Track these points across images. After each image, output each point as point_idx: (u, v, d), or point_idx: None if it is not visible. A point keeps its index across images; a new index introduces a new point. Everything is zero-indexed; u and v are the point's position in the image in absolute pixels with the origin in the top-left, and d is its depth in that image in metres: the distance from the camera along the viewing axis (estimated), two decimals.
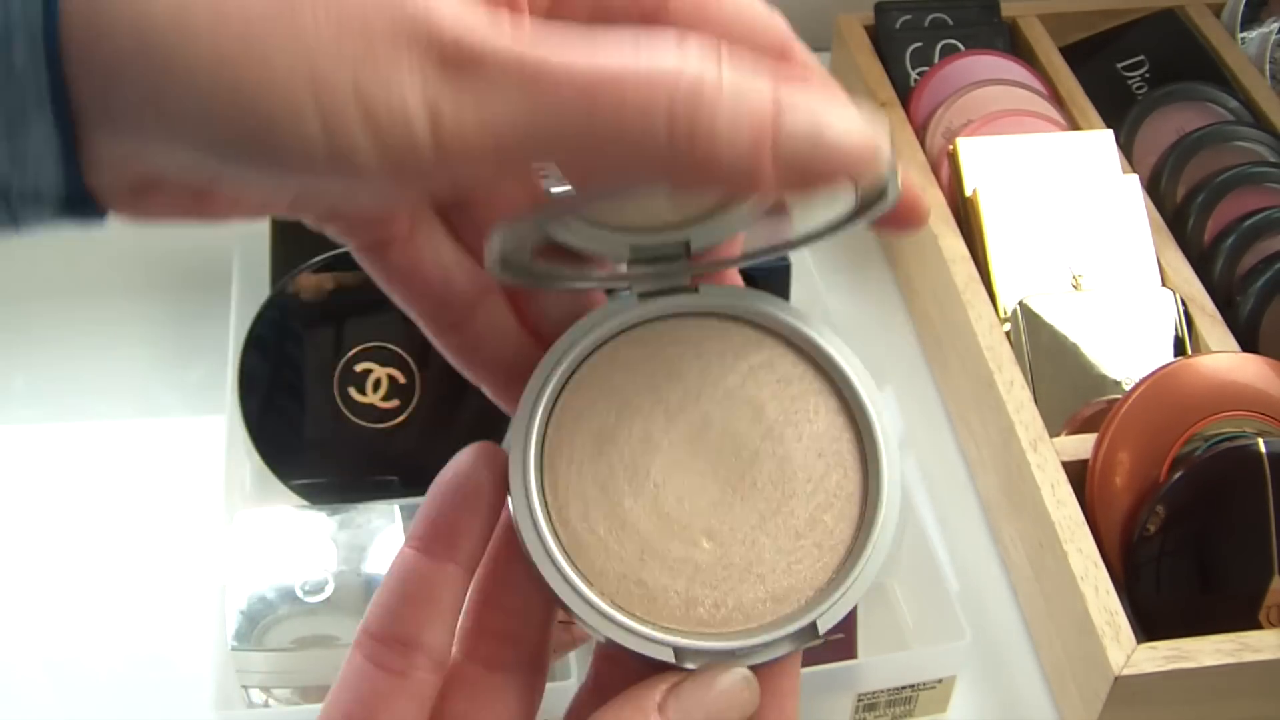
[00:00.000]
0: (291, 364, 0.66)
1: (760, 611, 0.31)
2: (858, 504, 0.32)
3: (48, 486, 0.71)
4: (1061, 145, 0.79)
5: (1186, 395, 0.63)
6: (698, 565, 0.31)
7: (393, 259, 0.32)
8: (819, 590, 0.31)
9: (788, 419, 0.32)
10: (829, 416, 0.32)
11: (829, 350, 0.32)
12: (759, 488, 0.31)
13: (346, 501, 0.62)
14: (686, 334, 0.32)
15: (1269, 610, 0.60)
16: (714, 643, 0.30)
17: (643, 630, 0.30)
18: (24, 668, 0.63)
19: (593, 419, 0.32)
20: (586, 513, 0.31)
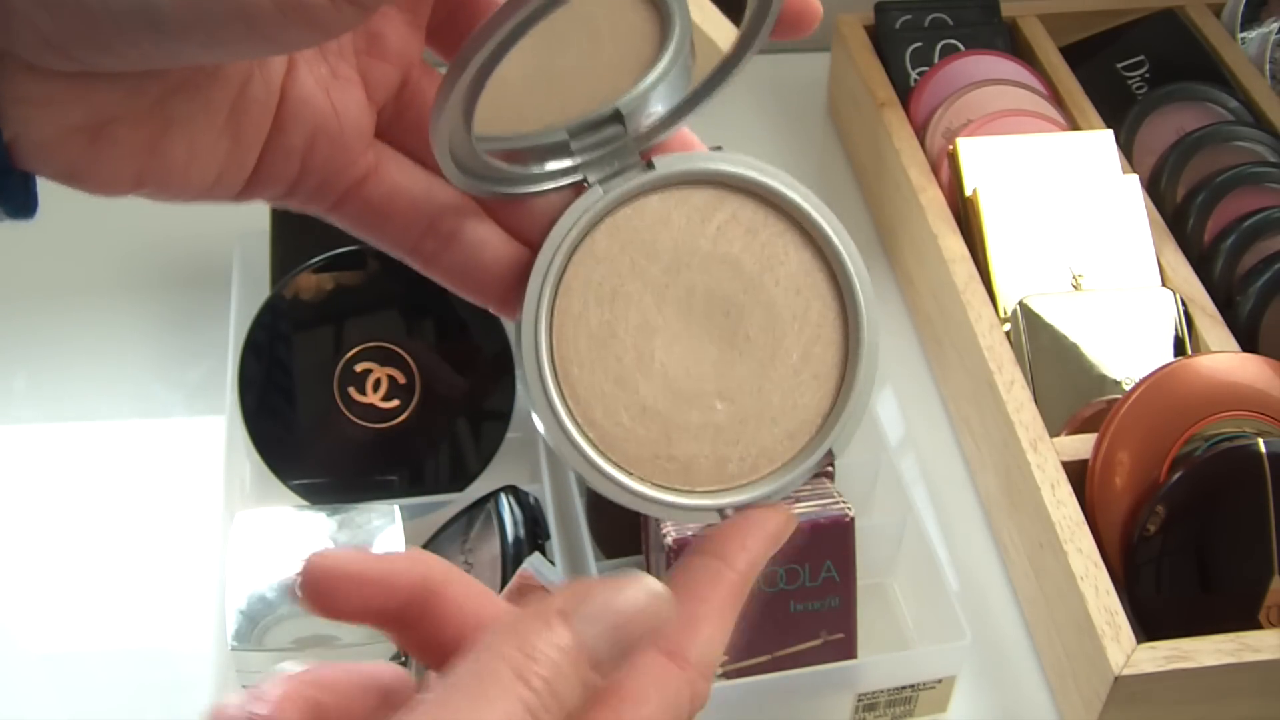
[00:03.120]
0: (291, 364, 0.66)
1: (782, 450, 0.34)
2: (840, 328, 0.34)
3: (48, 486, 0.71)
4: (1061, 145, 0.79)
5: (1186, 395, 0.63)
6: (718, 427, 0.33)
7: (366, 197, 0.33)
8: (825, 416, 0.34)
9: (763, 266, 0.34)
10: (798, 253, 0.34)
11: (784, 190, 0.34)
12: (753, 338, 0.34)
13: (346, 501, 0.62)
14: (651, 210, 0.34)
15: (1269, 610, 0.60)
16: (749, 493, 0.33)
17: (683, 501, 0.33)
18: (24, 667, 0.63)
19: (590, 320, 0.33)
20: (609, 409, 0.33)
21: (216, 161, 0.30)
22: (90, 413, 0.75)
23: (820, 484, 0.59)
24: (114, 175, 0.29)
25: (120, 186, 0.29)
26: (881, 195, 0.86)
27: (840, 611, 0.58)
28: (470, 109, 0.30)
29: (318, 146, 0.32)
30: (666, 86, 0.34)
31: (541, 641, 0.28)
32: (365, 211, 0.33)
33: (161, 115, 0.29)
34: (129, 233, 0.85)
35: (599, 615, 0.29)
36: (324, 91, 0.31)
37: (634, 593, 0.29)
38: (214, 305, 0.74)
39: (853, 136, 0.92)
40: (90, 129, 0.28)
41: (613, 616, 0.29)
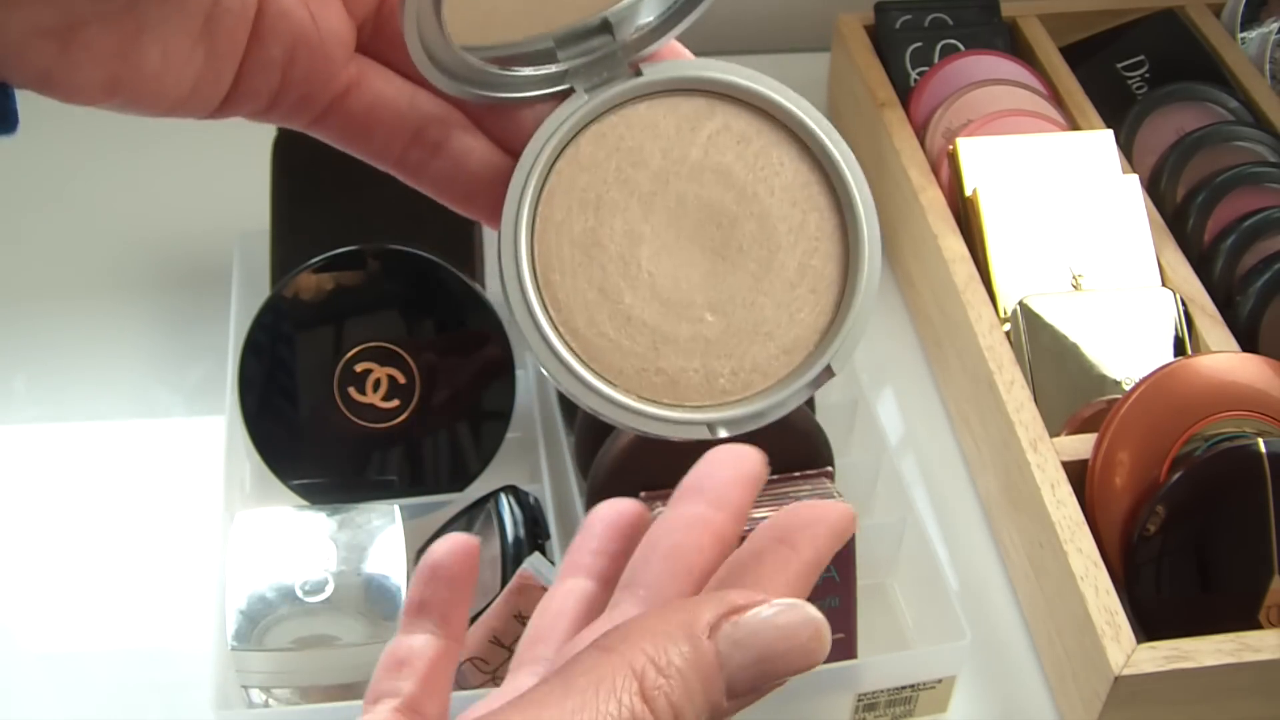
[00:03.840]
0: (291, 364, 0.66)
1: (776, 366, 0.32)
2: (839, 241, 0.33)
3: (48, 486, 0.71)
4: (1061, 145, 0.79)
5: (1186, 395, 0.63)
6: (708, 340, 0.32)
7: (349, 110, 0.32)
8: (823, 333, 0.32)
9: (756, 176, 0.33)
10: (794, 164, 0.33)
11: (778, 99, 0.33)
12: (746, 250, 0.32)
13: (346, 501, 0.62)
14: (639, 118, 0.33)
15: (1269, 610, 0.60)
16: (741, 409, 0.31)
17: (670, 415, 0.31)
18: (24, 667, 0.63)
19: (573, 226, 0.32)
20: (592, 318, 0.32)
21: (192, 71, 0.30)
22: (90, 413, 0.75)
23: (820, 484, 0.59)
24: (86, 81, 0.28)
25: (92, 94, 0.29)
26: (881, 195, 0.86)
27: (840, 611, 0.58)
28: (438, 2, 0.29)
29: (298, 59, 0.31)
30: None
31: (677, 654, 0.26)
32: (348, 124, 0.33)
33: (134, 19, 0.28)
34: (129, 232, 0.85)
35: (750, 641, 0.27)
36: (303, 3, 0.31)
37: (793, 623, 0.27)
38: (214, 305, 0.74)
39: (853, 136, 0.92)
40: (60, 31, 0.27)
41: (764, 647, 0.27)
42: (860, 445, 0.69)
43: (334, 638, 0.57)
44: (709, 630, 0.27)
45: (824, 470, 0.60)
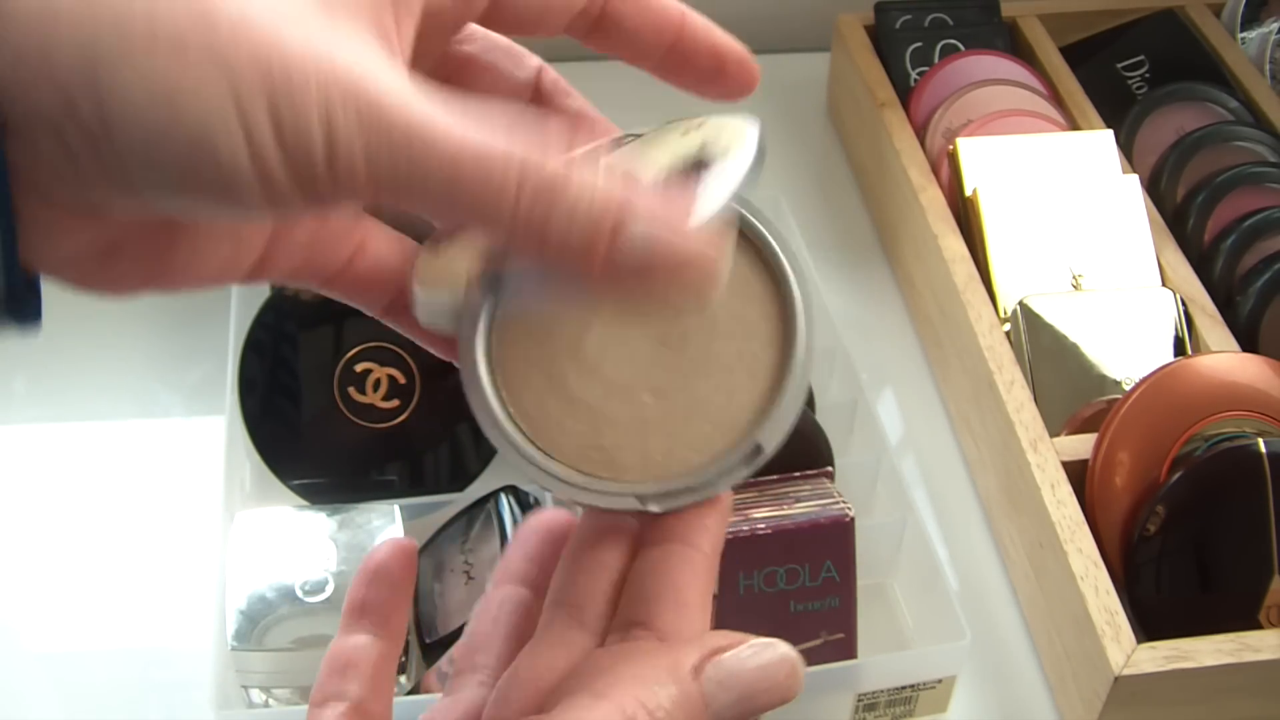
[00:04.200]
0: (291, 364, 0.66)
1: (710, 444, 0.33)
2: (778, 326, 0.34)
3: (48, 486, 0.71)
4: (1061, 145, 0.79)
5: (1186, 395, 0.63)
6: (646, 420, 0.33)
7: (354, 273, 0.34)
8: (758, 413, 0.33)
9: None
10: (739, 256, 0.34)
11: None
12: (688, 338, 0.34)
13: (346, 501, 0.62)
14: None
15: (1269, 610, 0.60)
16: (673, 484, 0.33)
17: (605, 488, 0.33)
18: (24, 667, 0.63)
19: (529, 319, 0.34)
20: (539, 399, 0.34)
21: (219, 259, 0.32)
22: (90, 413, 0.75)
23: (820, 484, 0.59)
24: (123, 284, 0.30)
25: (128, 291, 0.31)
26: (881, 195, 0.86)
27: (840, 611, 0.58)
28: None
29: (320, 240, 0.33)
30: None
31: (666, 697, 0.28)
32: (353, 284, 0.35)
33: (168, 233, 0.30)
34: None
35: (732, 681, 0.29)
36: None
37: (772, 663, 0.29)
38: (214, 305, 0.74)
39: (853, 136, 0.92)
40: (100, 249, 0.29)
41: (746, 686, 0.29)
42: (860, 445, 0.69)
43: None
44: (694, 673, 0.29)
45: (824, 470, 0.60)
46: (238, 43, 0.26)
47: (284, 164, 0.27)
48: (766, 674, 0.29)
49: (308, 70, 0.26)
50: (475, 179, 0.27)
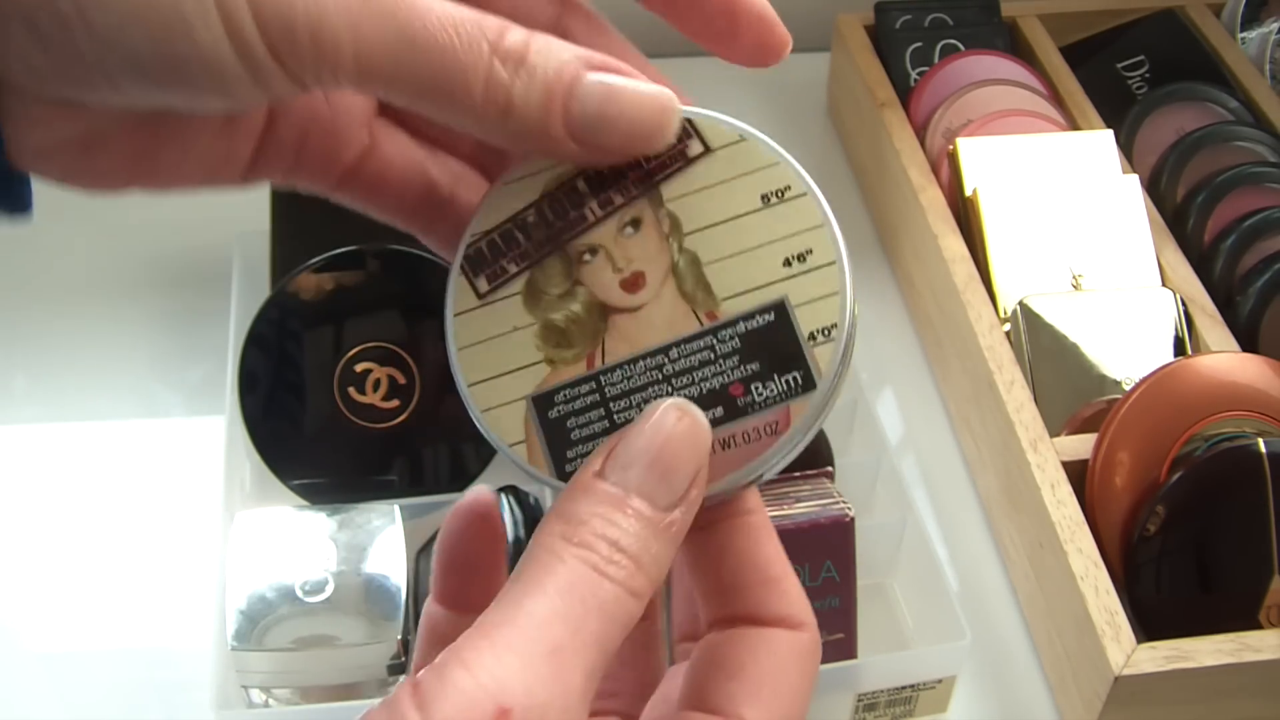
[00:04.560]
0: (291, 364, 0.66)
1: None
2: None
3: (48, 486, 0.71)
4: (1061, 145, 0.79)
5: (1186, 395, 0.63)
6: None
7: (367, 174, 0.34)
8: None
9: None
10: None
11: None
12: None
13: (346, 501, 0.62)
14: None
15: (1269, 610, 0.60)
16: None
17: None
18: (24, 667, 0.63)
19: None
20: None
21: (210, 161, 0.31)
22: (90, 413, 0.75)
23: (820, 484, 0.59)
24: (107, 179, 0.30)
25: (114, 187, 0.30)
26: (881, 195, 0.86)
27: (840, 611, 0.58)
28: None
29: (311, 137, 0.33)
30: None
31: (583, 507, 0.28)
32: (363, 189, 0.34)
33: (152, 128, 0.30)
34: (128, 232, 0.85)
35: (633, 458, 0.28)
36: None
37: (658, 420, 0.29)
38: (214, 305, 0.74)
39: (853, 136, 0.92)
40: (82, 141, 0.29)
41: (646, 454, 0.28)
42: (860, 445, 0.69)
43: (334, 638, 0.57)
44: (599, 477, 0.28)
45: (824, 470, 0.60)
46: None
47: (263, 40, 0.27)
48: (656, 428, 0.28)
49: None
50: (454, 51, 0.28)
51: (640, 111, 0.30)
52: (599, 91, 0.29)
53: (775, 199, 0.32)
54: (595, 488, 0.28)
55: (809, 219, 0.31)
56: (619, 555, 0.27)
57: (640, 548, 0.27)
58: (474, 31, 0.28)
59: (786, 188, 0.32)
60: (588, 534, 0.27)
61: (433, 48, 0.28)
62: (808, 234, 0.31)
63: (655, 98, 0.30)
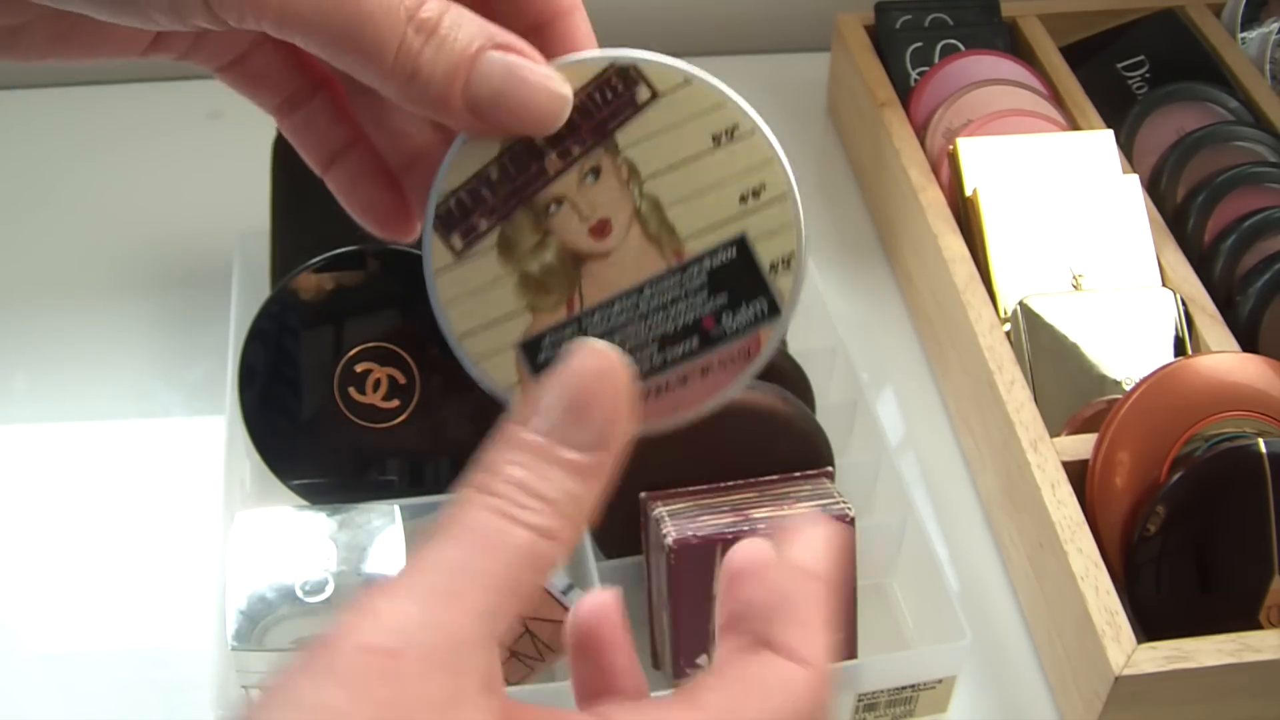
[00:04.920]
0: (291, 364, 0.66)
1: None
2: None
3: (48, 486, 0.71)
4: (1061, 145, 0.79)
5: (1186, 395, 0.63)
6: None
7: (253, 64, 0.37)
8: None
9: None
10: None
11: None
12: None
13: (346, 501, 0.62)
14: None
15: (1269, 610, 0.60)
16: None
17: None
18: (24, 667, 0.63)
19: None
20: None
21: (119, 40, 0.34)
22: (90, 413, 0.75)
23: (820, 484, 0.59)
24: (28, 55, 0.34)
25: (33, 59, 0.34)
26: (881, 195, 0.86)
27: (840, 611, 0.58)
28: None
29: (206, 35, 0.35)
30: None
31: (498, 455, 0.28)
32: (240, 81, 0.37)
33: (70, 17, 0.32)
34: (128, 232, 0.85)
35: (549, 403, 0.29)
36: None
37: (571, 364, 0.29)
38: (214, 305, 0.74)
39: (853, 136, 0.92)
40: (9, 30, 0.33)
41: (561, 397, 0.29)
42: (860, 445, 0.69)
43: None
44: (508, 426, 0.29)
45: (824, 470, 0.60)
46: None
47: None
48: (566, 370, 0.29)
49: None
50: (372, 13, 0.29)
51: (534, 94, 0.31)
52: (498, 70, 0.31)
53: (725, 139, 0.33)
54: (512, 435, 0.29)
55: (758, 155, 0.33)
56: (530, 500, 0.28)
57: (555, 490, 0.28)
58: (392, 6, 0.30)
59: (735, 126, 0.33)
60: (498, 482, 0.28)
61: (354, 6, 0.29)
62: (758, 170, 0.33)
63: (547, 80, 0.31)
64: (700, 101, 0.33)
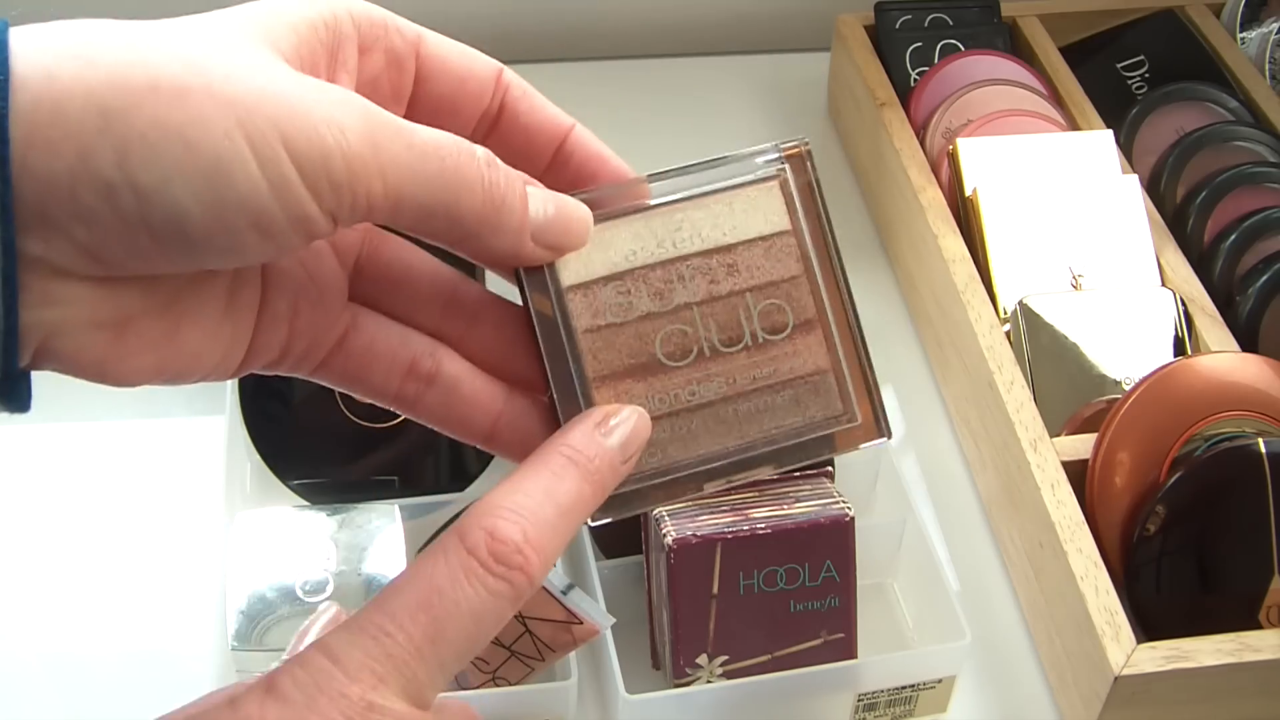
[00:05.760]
0: None
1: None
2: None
3: (48, 486, 0.71)
4: (1061, 145, 0.79)
5: (1186, 395, 0.63)
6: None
7: (348, 352, 0.37)
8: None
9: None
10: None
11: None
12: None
13: (346, 501, 0.62)
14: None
15: (1269, 610, 0.60)
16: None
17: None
18: (25, 667, 0.63)
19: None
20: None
21: (223, 342, 0.34)
22: (90, 413, 0.75)
23: (820, 484, 0.59)
24: (136, 368, 0.33)
25: (141, 378, 0.34)
26: (881, 195, 0.86)
27: (840, 611, 0.58)
28: None
29: (300, 312, 0.35)
30: None
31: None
32: (349, 365, 0.37)
33: (175, 308, 0.32)
34: None
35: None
36: (298, 263, 0.35)
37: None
38: None
39: (853, 136, 0.92)
40: (115, 325, 0.31)
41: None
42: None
43: None
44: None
45: (824, 470, 0.60)
46: (232, 83, 0.28)
47: (303, 181, 0.29)
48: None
49: (306, 97, 0.29)
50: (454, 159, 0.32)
51: (574, 211, 0.35)
52: (539, 196, 0.34)
53: None
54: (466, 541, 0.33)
55: None
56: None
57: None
58: (461, 143, 0.32)
59: None
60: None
61: (438, 159, 0.31)
62: None
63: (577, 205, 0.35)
64: None
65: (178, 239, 0.28)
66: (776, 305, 0.38)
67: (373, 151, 0.30)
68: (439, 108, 0.36)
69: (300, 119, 0.29)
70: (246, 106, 0.28)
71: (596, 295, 0.36)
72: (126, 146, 0.27)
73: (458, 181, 0.32)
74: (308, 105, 0.29)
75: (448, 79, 0.36)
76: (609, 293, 0.36)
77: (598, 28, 0.99)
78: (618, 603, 0.58)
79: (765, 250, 0.38)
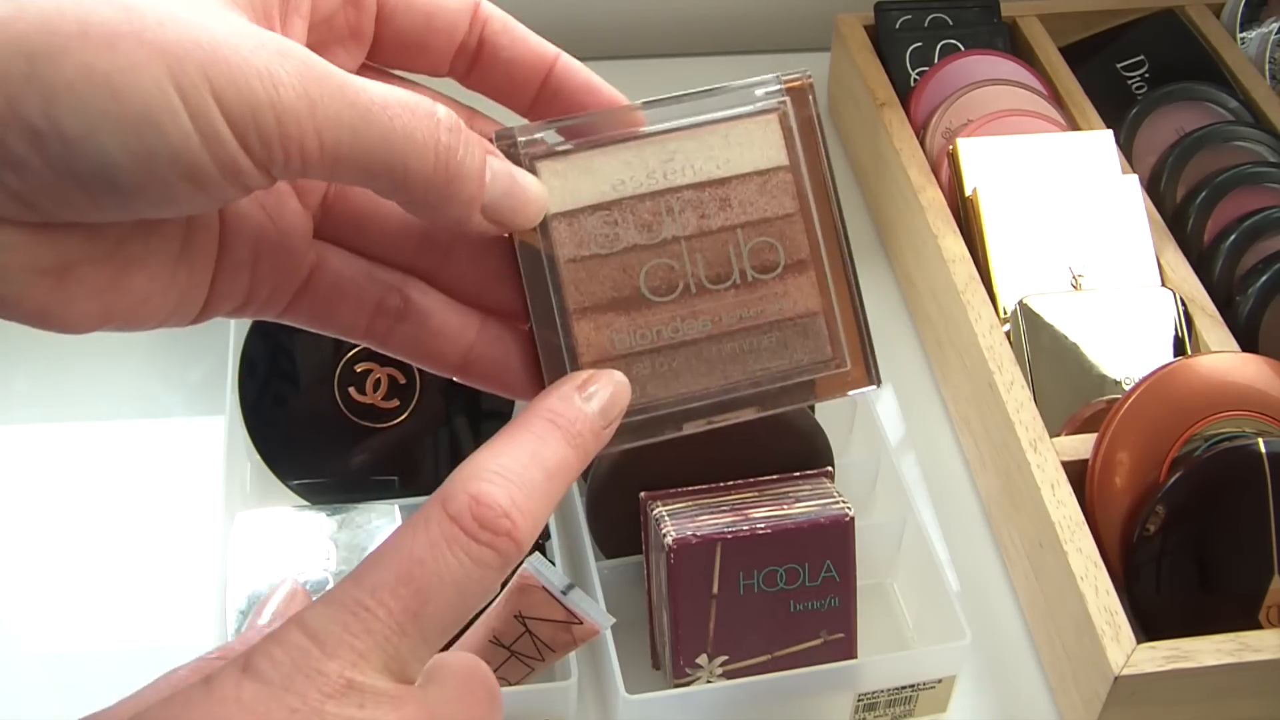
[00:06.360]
0: (291, 363, 0.66)
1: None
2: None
3: (48, 486, 0.71)
4: (1061, 145, 0.79)
5: (1186, 395, 0.63)
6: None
7: (314, 293, 0.36)
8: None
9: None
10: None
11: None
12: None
13: (346, 501, 0.62)
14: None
15: (1269, 610, 0.60)
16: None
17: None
18: (24, 667, 0.63)
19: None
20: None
21: (175, 290, 0.33)
22: (90, 413, 0.75)
23: (820, 484, 0.59)
24: (82, 314, 0.31)
25: (88, 324, 0.32)
26: (881, 195, 0.86)
27: (840, 611, 0.58)
28: None
29: (262, 256, 0.34)
30: None
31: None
32: (315, 306, 0.36)
33: (121, 255, 0.31)
34: None
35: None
36: (259, 206, 0.34)
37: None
38: None
39: (853, 136, 0.92)
40: (56, 271, 0.30)
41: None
42: (860, 445, 0.69)
43: None
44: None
45: (824, 470, 0.60)
46: (165, 30, 0.27)
47: (233, 134, 0.28)
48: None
49: (242, 47, 0.28)
50: (405, 122, 0.30)
51: (533, 193, 0.34)
52: (500, 169, 0.33)
53: None
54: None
55: None
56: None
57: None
58: (416, 103, 0.30)
59: None
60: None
61: (384, 119, 0.30)
62: None
63: (538, 186, 0.34)
64: None
65: (107, 189, 0.28)
66: (768, 243, 0.36)
67: (307, 107, 0.28)
68: (406, 45, 0.35)
69: (234, 70, 0.28)
70: (177, 55, 0.27)
71: (581, 224, 0.35)
72: (53, 93, 0.26)
73: (405, 145, 0.30)
74: (243, 56, 0.28)
75: (413, 15, 0.35)
76: (594, 222, 0.35)
77: (597, 28, 0.99)
78: (618, 603, 0.58)
79: (760, 186, 0.36)
